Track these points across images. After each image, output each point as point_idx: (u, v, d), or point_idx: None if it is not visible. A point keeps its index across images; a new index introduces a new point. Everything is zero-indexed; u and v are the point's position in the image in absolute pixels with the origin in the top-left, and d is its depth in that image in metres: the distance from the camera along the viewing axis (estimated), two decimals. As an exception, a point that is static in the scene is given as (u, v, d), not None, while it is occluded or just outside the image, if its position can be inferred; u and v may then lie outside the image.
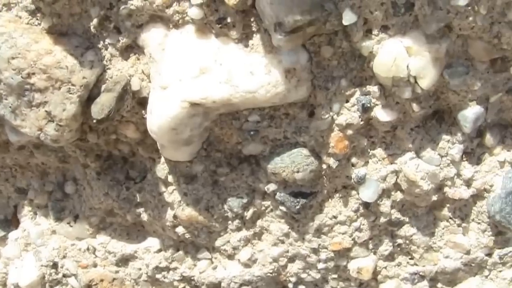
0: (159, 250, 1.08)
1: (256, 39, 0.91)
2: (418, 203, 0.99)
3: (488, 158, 0.97)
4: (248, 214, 1.02)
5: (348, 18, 0.88)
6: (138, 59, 0.96)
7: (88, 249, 1.11)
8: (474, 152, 0.97)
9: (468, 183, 0.97)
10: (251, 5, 0.89)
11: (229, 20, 0.91)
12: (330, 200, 1.01)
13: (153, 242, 1.09)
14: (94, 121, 0.93)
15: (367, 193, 0.98)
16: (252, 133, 0.96)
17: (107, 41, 0.95)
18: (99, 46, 0.96)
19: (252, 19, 0.91)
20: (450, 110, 0.95)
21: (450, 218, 1.01)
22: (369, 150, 0.97)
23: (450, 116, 0.95)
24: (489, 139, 0.96)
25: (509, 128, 0.96)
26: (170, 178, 1.01)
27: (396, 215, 1.00)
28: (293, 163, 0.96)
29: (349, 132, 0.95)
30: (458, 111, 0.94)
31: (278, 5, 0.86)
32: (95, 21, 0.94)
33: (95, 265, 1.11)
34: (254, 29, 0.91)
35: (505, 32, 0.87)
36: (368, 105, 0.93)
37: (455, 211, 1.00)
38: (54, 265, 1.12)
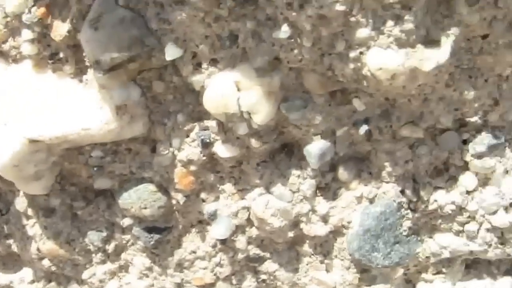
0: (32, 281, 1.08)
1: (90, 74, 0.89)
2: (275, 239, 0.95)
3: (344, 193, 0.92)
4: (110, 247, 1.00)
5: (171, 52, 0.84)
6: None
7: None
8: (329, 187, 0.92)
9: (324, 219, 0.92)
10: (82, 39, 0.87)
11: (61, 55, 0.88)
12: (187, 234, 0.98)
13: (27, 273, 1.08)
14: None
15: (219, 230, 0.94)
16: (96, 168, 0.94)
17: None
18: None
19: (84, 54, 0.88)
20: (298, 144, 0.90)
21: (312, 254, 0.96)
22: (218, 185, 0.93)
23: (299, 150, 0.90)
24: (342, 173, 0.90)
25: (365, 161, 0.91)
26: (30, 211, 1.00)
27: (254, 251, 0.96)
28: (140, 199, 0.94)
29: (193, 167, 0.91)
30: (304, 146, 0.89)
31: (94, 42, 0.83)
32: None
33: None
34: (87, 63, 0.88)
35: (337, 64, 0.82)
36: (208, 140, 0.89)
37: (316, 247, 0.95)
38: None
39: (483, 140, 0.89)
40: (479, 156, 0.89)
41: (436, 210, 0.92)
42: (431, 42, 0.81)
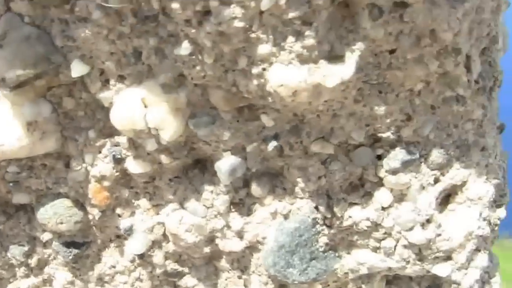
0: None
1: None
2: (192, 254, 0.94)
3: (259, 209, 0.91)
4: (33, 261, 1.00)
5: (77, 69, 0.84)
6: None
7: None
8: (243, 203, 0.91)
9: (239, 235, 0.92)
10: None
11: (-26, 71, 0.88)
12: (106, 249, 0.98)
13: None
14: None
15: (136, 245, 0.94)
16: (12, 184, 0.94)
17: None
18: None
19: (-3, 69, 0.88)
20: (211, 160, 0.89)
21: (230, 269, 0.95)
22: (133, 201, 0.93)
23: (212, 166, 0.89)
24: (256, 189, 0.90)
25: (279, 177, 0.90)
26: (-47, 226, 1.00)
27: (172, 265, 0.96)
28: (56, 214, 0.93)
29: (106, 183, 0.91)
30: (215, 162, 0.88)
31: (-1, 59, 0.83)
32: None
33: None
34: None
35: (241, 80, 0.81)
36: (119, 156, 0.89)
37: (233, 262, 0.95)
38: None
39: (396, 156, 0.88)
40: (394, 172, 0.89)
41: (351, 226, 0.91)
42: (336, 57, 0.80)
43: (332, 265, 0.93)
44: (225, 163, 0.87)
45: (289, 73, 0.79)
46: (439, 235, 0.91)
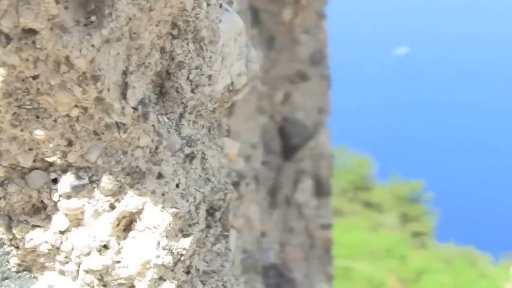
0: None
1: None
2: None
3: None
4: None
5: None
6: None
7: None
8: None
9: None
10: None
11: None
12: None
13: None
14: None
15: None
16: None
17: None
18: None
19: None
20: None
21: None
22: None
23: None
24: None
25: None
26: None
27: None
28: None
29: None
30: None
31: None
32: None
33: None
34: None
35: None
36: None
37: None
38: None
39: (67, 181, 0.89)
40: (67, 196, 0.89)
41: (34, 248, 0.92)
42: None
43: (28, 286, 0.95)
44: None
45: None
46: (118, 262, 0.90)
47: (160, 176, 0.89)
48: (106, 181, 0.88)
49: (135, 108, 0.86)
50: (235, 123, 2.08)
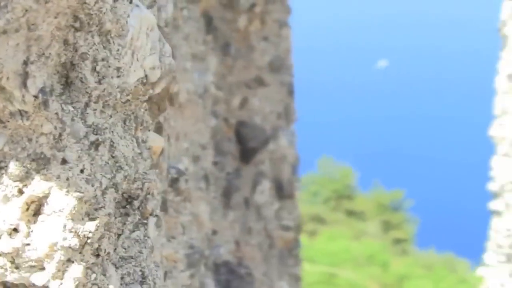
0: None
1: None
2: None
3: None
4: None
5: None
6: None
7: None
8: None
9: None
10: None
11: None
12: None
13: None
14: None
15: None
16: None
17: None
18: None
19: None
20: None
21: None
22: None
23: None
24: None
25: None
26: None
27: None
28: None
29: None
30: None
31: None
32: None
33: None
34: None
35: None
36: None
37: None
38: None
39: (-24, 168, 0.93)
40: (-26, 182, 0.93)
41: None
42: None
43: None
44: None
45: None
46: (28, 244, 0.95)
47: (64, 161, 0.94)
48: (13, 167, 0.93)
49: (35, 96, 0.91)
50: (184, 125, 2.13)
